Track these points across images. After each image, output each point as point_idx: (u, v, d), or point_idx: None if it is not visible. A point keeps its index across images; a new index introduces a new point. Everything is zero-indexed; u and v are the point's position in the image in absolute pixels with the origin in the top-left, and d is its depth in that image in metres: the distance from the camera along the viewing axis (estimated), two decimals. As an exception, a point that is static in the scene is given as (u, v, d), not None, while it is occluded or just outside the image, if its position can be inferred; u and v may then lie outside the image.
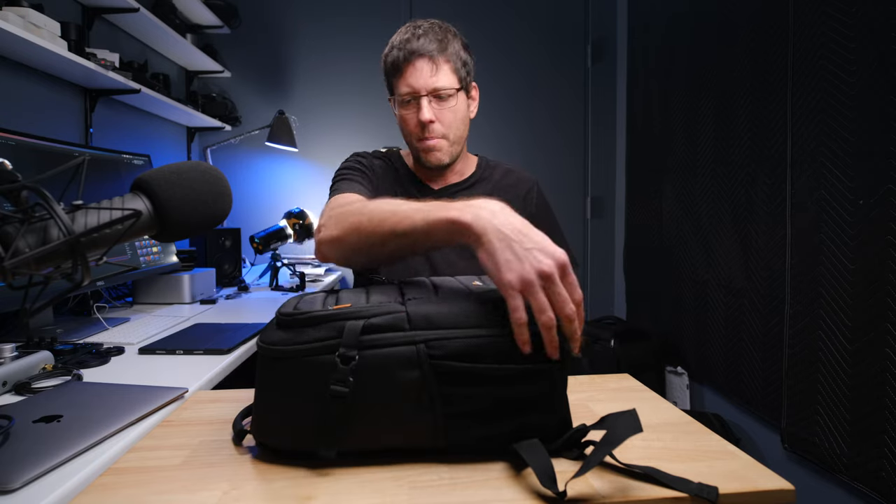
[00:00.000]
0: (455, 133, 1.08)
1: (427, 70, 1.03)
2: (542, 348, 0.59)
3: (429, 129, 1.05)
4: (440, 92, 1.04)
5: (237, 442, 0.68)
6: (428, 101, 1.04)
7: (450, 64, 1.05)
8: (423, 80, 1.03)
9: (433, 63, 1.03)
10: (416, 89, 1.04)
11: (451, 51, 1.05)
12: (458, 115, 1.07)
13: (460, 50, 1.08)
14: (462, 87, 1.07)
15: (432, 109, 1.04)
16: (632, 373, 0.95)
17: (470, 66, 1.10)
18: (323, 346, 0.60)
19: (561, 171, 3.18)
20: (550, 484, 0.53)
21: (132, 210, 0.53)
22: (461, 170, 1.17)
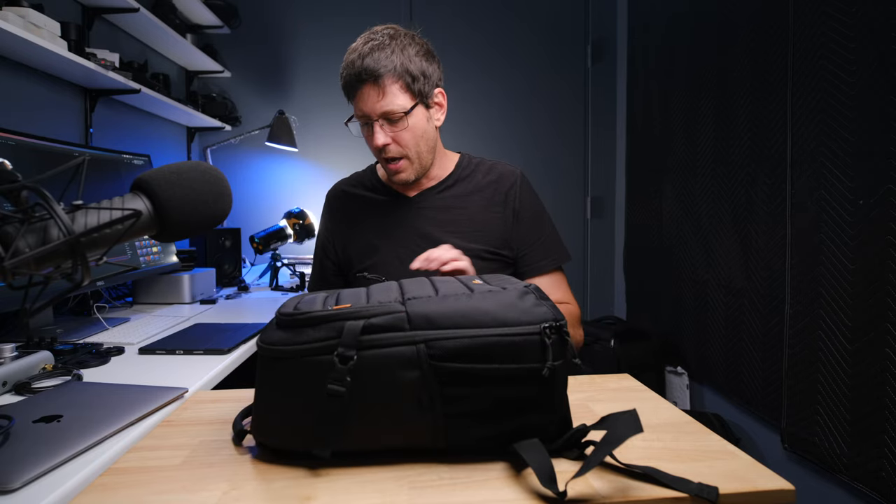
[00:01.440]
0: (415, 150, 1.06)
1: (374, 95, 1.01)
2: (546, 349, 0.59)
3: (385, 151, 1.05)
4: (390, 115, 1.02)
5: (237, 442, 0.68)
6: (380, 125, 1.03)
7: (398, 83, 1.02)
8: (370, 105, 1.02)
9: (378, 88, 1.01)
10: (366, 113, 1.03)
11: (399, 68, 1.01)
12: (416, 132, 1.05)
13: (414, 61, 1.03)
14: (418, 102, 1.04)
15: (385, 133, 1.03)
16: (632, 373, 0.95)
17: (430, 74, 1.06)
18: (323, 346, 0.60)
19: (561, 171, 3.18)
20: (550, 484, 0.53)
21: (132, 210, 0.53)
22: (437, 174, 1.16)
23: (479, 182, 1.15)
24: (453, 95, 3.05)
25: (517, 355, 0.59)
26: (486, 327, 0.60)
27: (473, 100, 3.08)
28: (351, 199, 1.20)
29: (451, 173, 1.16)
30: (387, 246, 1.12)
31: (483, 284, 0.68)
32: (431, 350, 0.59)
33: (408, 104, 1.03)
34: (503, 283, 0.67)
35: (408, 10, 3.07)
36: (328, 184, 1.30)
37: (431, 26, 3.05)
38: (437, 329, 0.60)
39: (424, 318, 0.60)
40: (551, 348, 0.59)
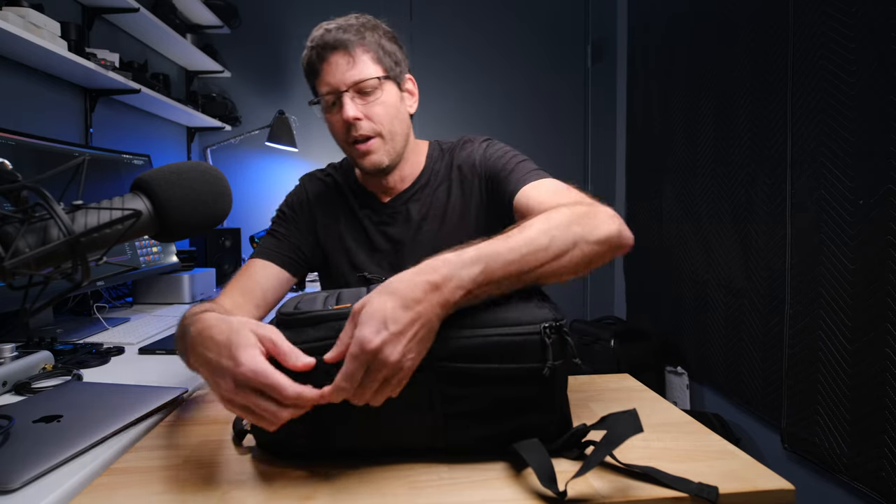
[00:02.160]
0: (389, 128, 0.96)
1: (343, 64, 0.93)
2: (546, 349, 0.59)
3: (356, 127, 0.94)
4: (362, 85, 0.93)
5: (237, 442, 0.68)
6: (350, 97, 0.93)
7: (370, 53, 0.94)
8: (339, 74, 0.93)
9: (349, 55, 0.93)
10: (334, 86, 0.93)
11: (369, 39, 0.95)
12: (389, 108, 0.96)
13: (383, 40, 0.97)
14: (390, 77, 0.96)
15: (356, 106, 0.93)
16: (632, 373, 0.95)
17: (399, 57, 0.99)
18: (323, 345, 0.60)
19: (561, 171, 3.15)
20: (550, 484, 0.53)
21: (132, 210, 0.53)
22: (409, 172, 1.04)
23: (447, 168, 1.05)
24: (453, 96, 3.07)
25: (517, 355, 0.59)
26: (487, 327, 0.60)
27: (473, 100, 3.08)
28: (327, 197, 1.09)
29: (424, 169, 1.05)
30: (371, 258, 1.04)
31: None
32: (432, 350, 0.59)
33: (379, 73, 0.95)
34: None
35: (408, 10, 3.06)
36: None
37: (431, 26, 3.07)
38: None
39: (424, 318, 0.60)
40: (551, 348, 0.59)
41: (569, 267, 0.67)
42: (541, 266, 0.64)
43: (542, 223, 0.68)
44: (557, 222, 0.69)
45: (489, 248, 0.62)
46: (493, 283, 0.61)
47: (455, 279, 0.58)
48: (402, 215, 1.03)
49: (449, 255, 0.61)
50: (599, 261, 0.72)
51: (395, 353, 0.54)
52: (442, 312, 0.58)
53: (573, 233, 0.68)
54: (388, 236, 1.03)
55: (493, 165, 0.99)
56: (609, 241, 0.71)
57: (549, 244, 0.65)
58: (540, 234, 0.66)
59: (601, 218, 0.73)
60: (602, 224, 0.72)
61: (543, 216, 0.70)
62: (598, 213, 0.74)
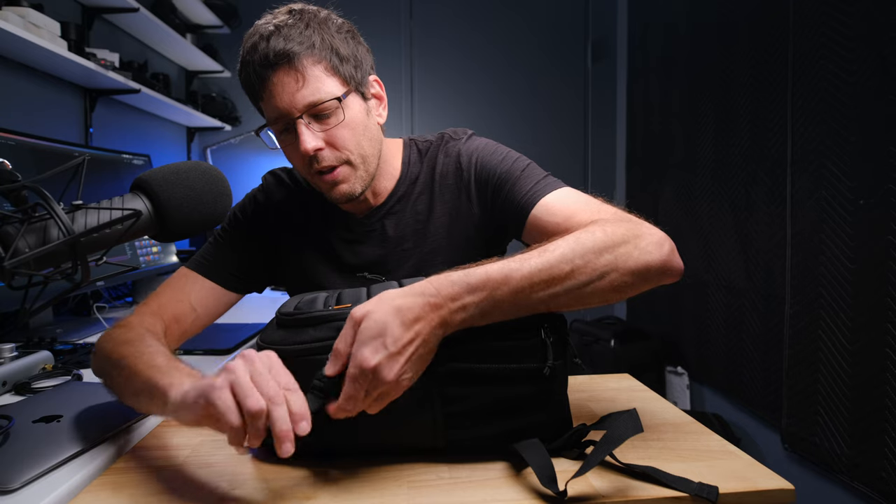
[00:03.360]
0: (358, 152, 0.79)
1: (291, 83, 0.74)
2: (546, 349, 0.59)
3: (318, 158, 0.77)
4: (318, 108, 0.75)
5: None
6: (305, 123, 0.75)
7: (322, 63, 0.75)
8: (287, 97, 0.75)
9: (296, 72, 0.74)
10: (284, 112, 0.76)
11: (319, 44, 0.75)
12: (355, 128, 0.78)
13: (335, 38, 0.77)
14: (351, 89, 0.78)
15: (314, 133, 0.76)
16: (632, 373, 0.95)
17: (359, 57, 0.80)
18: (323, 345, 0.60)
19: (561, 171, 3.16)
20: (550, 484, 0.53)
21: (132, 210, 0.53)
22: (384, 185, 0.88)
23: (426, 174, 0.89)
24: (454, 96, 3.07)
25: (517, 355, 0.59)
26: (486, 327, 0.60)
27: (473, 100, 3.08)
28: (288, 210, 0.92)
29: (399, 178, 0.88)
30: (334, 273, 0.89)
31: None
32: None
33: (338, 91, 0.76)
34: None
35: (408, 10, 3.06)
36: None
37: (431, 26, 3.07)
38: (436, 329, 0.59)
39: (424, 318, 0.60)
40: (551, 348, 0.59)
41: (592, 298, 0.61)
42: (556, 297, 0.59)
43: (567, 247, 0.60)
44: (587, 247, 0.60)
45: (499, 273, 0.57)
46: (498, 311, 0.58)
47: (458, 302, 0.56)
48: (377, 233, 0.87)
49: (455, 275, 0.57)
50: (634, 291, 0.63)
51: (392, 373, 0.53)
52: (441, 333, 0.56)
53: (604, 261, 0.60)
54: (361, 256, 0.88)
55: (492, 172, 0.84)
56: (649, 271, 0.62)
57: (570, 272, 0.59)
58: (562, 260, 0.59)
59: (643, 244, 0.63)
60: (643, 251, 0.63)
61: (572, 237, 0.62)
62: (642, 237, 0.64)
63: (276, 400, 0.49)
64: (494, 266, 0.58)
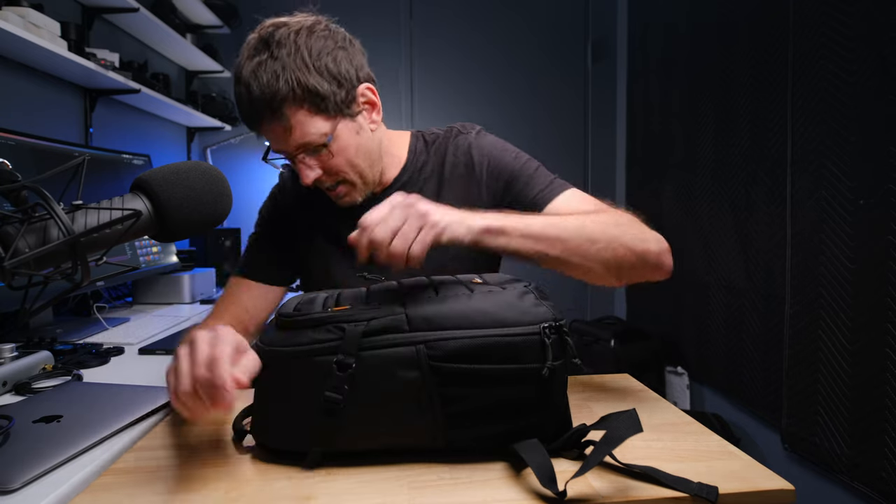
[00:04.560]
0: (354, 171, 0.88)
1: (280, 132, 0.82)
2: (546, 349, 0.59)
3: (319, 183, 0.88)
4: (309, 146, 0.83)
5: (237, 442, 0.68)
6: (301, 159, 0.84)
7: (302, 109, 0.81)
8: (280, 143, 0.85)
9: (281, 123, 0.81)
10: (281, 150, 0.86)
11: (298, 89, 0.80)
12: (346, 152, 0.86)
13: (313, 73, 0.80)
14: (337, 118, 0.84)
15: (311, 167, 0.85)
16: (632, 373, 0.95)
17: (344, 77, 0.84)
18: (322, 347, 0.60)
19: (561, 171, 3.17)
20: (550, 484, 0.53)
21: (132, 210, 0.53)
22: (388, 175, 0.96)
23: (434, 163, 0.95)
24: (454, 96, 3.07)
25: (517, 355, 0.59)
26: (486, 328, 0.60)
27: (473, 99, 3.08)
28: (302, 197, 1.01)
29: (405, 166, 0.96)
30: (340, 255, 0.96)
31: (483, 284, 0.68)
32: (431, 351, 0.59)
33: (325, 128, 0.83)
34: (503, 283, 0.67)
35: (408, 10, 3.06)
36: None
37: (431, 26, 3.07)
38: (436, 330, 0.60)
39: (424, 319, 0.60)
40: (551, 348, 0.59)
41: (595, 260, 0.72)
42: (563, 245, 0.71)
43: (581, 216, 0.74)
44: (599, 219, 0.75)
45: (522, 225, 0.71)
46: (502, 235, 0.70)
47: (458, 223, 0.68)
48: None
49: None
50: (630, 270, 0.75)
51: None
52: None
53: (611, 233, 0.73)
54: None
55: (505, 168, 0.92)
56: (646, 256, 0.75)
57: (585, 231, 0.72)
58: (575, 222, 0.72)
59: (647, 234, 0.78)
60: (644, 238, 0.76)
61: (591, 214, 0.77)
62: (646, 230, 0.79)
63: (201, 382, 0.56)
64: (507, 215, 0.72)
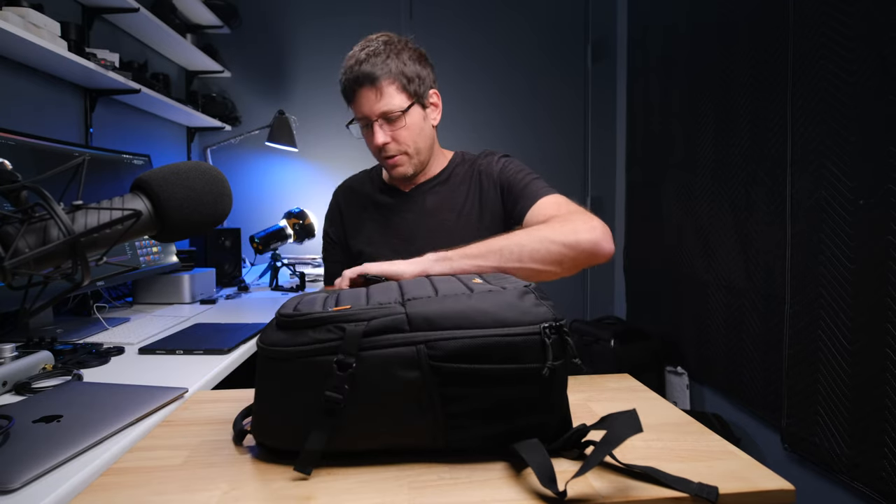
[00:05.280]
0: (414, 146, 1.11)
1: (372, 97, 1.06)
2: (546, 349, 0.59)
3: (385, 149, 1.09)
4: (389, 115, 1.07)
5: (237, 442, 0.68)
6: (379, 125, 1.07)
7: (395, 84, 1.07)
8: (368, 107, 1.07)
9: (376, 89, 1.06)
10: (365, 115, 1.08)
11: (395, 70, 1.06)
12: (413, 130, 1.10)
13: (408, 65, 1.08)
14: (415, 102, 1.09)
15: (385, 132, 1.08)
16: (632, 373, 0.95)
17: (424, 76, 1.11)
18: (323, 347, 0.60)
19: (561, 171, 3.18)
20: (550, 484, 0.53)
21: (132, 210, 0.53)
22: (432, 171, 1.19)
23: (468, 172, 1.19)
24: (453, 96, 3.07)
25: (517, 355, 0.59)
26: (486, 328, 0.60)
27: (474, 100, 3.08)
28: (354, 196, 1.25)
29: (445, 168, 1.20)
30: (382, 239, 1.17)
31: (483, 284, 0.68)
32: (432, 351, 0.59)
33: (404, 103, 1.08)
34: (503, 283, 0.67)
35: (408, 10, 3.06)
36: (328, 183, 1.31)
37: (431, 26, 3.07)
38: (436, 330, 0.60)
39: (424, 318, 0.60)
40: (551, 348, 0.59)
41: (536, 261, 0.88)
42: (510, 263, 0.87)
43: (520, 231, 0.92)
44: (533, 230, 0.93)
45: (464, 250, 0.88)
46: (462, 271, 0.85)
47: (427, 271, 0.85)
48: (418, 204, 1.17)
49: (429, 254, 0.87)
50: (570, 263, 0.90)
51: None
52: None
53: (539, 235, 0.90)
54: (405, 221, 1.16)
55: (510, 179, 1.13)
56: (577, 247, 0.89)
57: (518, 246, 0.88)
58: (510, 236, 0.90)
59: (576, 226, 0.91)
60: (574, 231, 0.90)
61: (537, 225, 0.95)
62: (576, 222, 0.92)
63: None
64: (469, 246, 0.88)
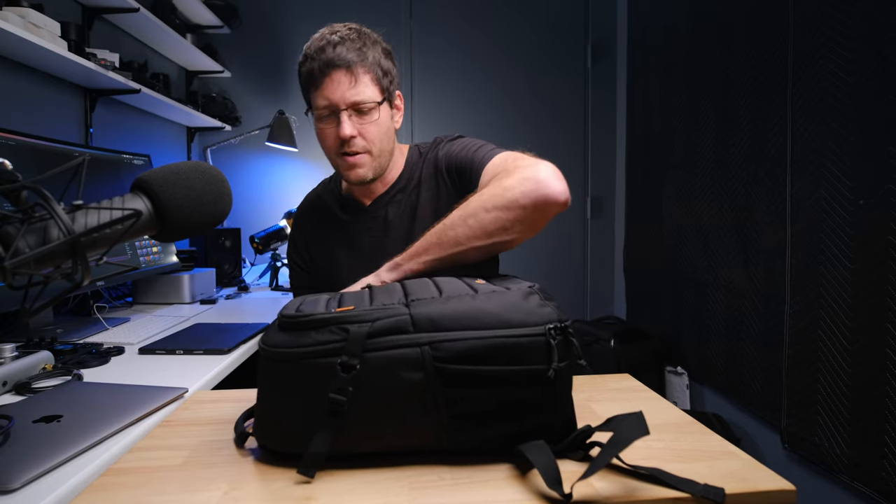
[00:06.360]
0: (379, 147, 1.01)
1: (346, 82, 0.96)
2: (551, 350, 0.59)
3: (350, 143, 0.98)
4: (361, 105, 0.97)
5: (240, 444, 0.67)
6: (348, 115, 0.97)
7: (370, 74, 0.98)
8: (340, 93, 0.96)
9: (351, 74, 0.96)
10: (334, 103, 0.96)
11: (371, 60, 0.98)
12: (381, 128, 1.00)
13: (381, 58, 1.00)
14: (385, 98, 1.01)
15: (353, 124, 0.97)
16: (632, 373, 0.95)
17: (393, 74, 1.03)
18: (326, 349, 0.59)
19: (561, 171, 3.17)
20: (556, 486, 0.53)
21: (132, 210, 0.53)
22: (390, 177, 1.09)
23: (424, 173, 1.08)
24: (453, 96, 3.07)
25: (522, 356, 0.59)
26: (491, 328, 0.59)
27: (473, 100, 3.08)
28: (316, 215, 1.16)
29: (402, 173, 1.10)
30: (353, 260, 1.08)
31: (486, 285, 0.67)
32: (436, 352, 0.59)
33: (377, 98, 0.99)
34: (507, 284, 0.67)
35: (408, 10, 3.06)
36: (328, 184, 1.30)
37: (431, 26, 3.07)
38: (441, 331, 0.59)
39: (428, 319, 0.60)
40: (556, 349, 0.59)
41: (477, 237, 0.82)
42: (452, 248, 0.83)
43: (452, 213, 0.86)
44: (464, 208, 0.84)
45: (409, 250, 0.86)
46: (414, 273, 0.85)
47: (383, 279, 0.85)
48: (380, 218, 1.08)
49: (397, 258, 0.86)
50: (519, 225, 0.82)
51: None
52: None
53: (470, 209, 0.83)
54: (371, 239, 1.08)
55: (456, 160, 1.02)
56: (516, 204, 0.81)
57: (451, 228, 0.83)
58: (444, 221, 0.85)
59: (509, 182, 0.83)
60: (505, 189, 0.82)
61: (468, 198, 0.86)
62: (512, 177, 0.84)
63: None
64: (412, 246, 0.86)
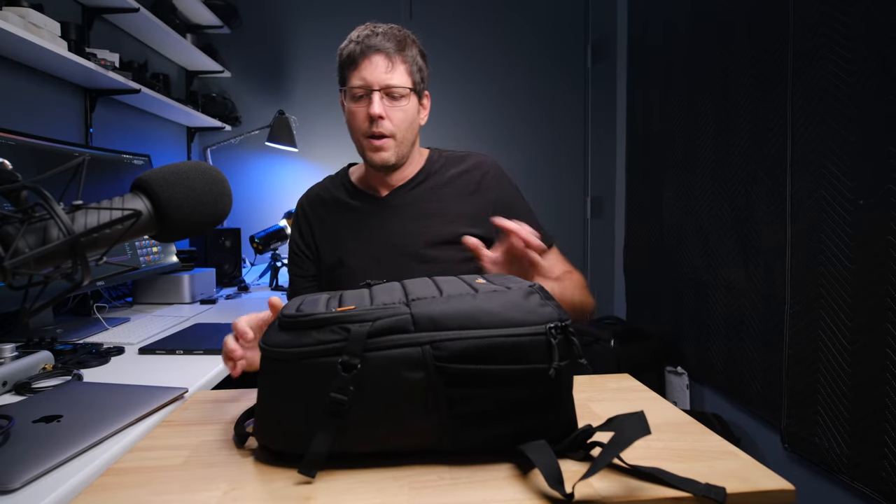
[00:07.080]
0: (403, 133, 1.07)
1: (383, 66, 1.03)
2: (552, 349, 0.59)
3: (377, 123, 1.04)
4: (393, 90, 1.04)
5: (240, 445, 0.67)
6: (380, 96, 1.03)
7: (406, 65, 1.06)
8: (377, 74, 1.03)
9: (389, 60, 1.03)
10: (369, 83, 1.03)
11: (409, 54, 1.06)
12: (408, 115, 1.07)
13: (418, 56, 1.09)
14: (416, 90, 1.08)
15: (383, 106, 1.04)
16: (632, 373, 0.95)
17: (425, 73, 1.11)
18: (326, 348, 0.59)
19: (561, 171, 3.18)
20: (557, 485, 0.53)
21: (132, 210, 0.53)
22: (408, 171, 1.15)
23: (450, 174, 1.15)
24: (453, 96, 3.07)
25: (523, 356, 0.59)
26: (492, 328, 0.59)
27: (474, 100, 3.08)
28: (323, 203, 1.18)
29: (422, 169, 1.15)
30: (362, 247, 1.11)
31: (487, 284, 0.67)
32: (437, 351, 0.59)
33: (409, 86, 1.06)
34: (507, 283, 0.67)
35: (408, 10, 3.06)
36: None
37: (431, 26, 3.07)
38: (442, 330, 0.59)
39: (429, 319, 0.60)
40: (557, 348, 0.59)
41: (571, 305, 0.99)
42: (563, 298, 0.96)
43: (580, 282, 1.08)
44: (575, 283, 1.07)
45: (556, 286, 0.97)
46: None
47: None
48: (394, 208, 1.12)
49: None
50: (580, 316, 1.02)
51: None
52: None
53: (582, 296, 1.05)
54: (385, 226, 1.11)
55: (505, 197, 1.14)
56: (589, 311, 1.05)
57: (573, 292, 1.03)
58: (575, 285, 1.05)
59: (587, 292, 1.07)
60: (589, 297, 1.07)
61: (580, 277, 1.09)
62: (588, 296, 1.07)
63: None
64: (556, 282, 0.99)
